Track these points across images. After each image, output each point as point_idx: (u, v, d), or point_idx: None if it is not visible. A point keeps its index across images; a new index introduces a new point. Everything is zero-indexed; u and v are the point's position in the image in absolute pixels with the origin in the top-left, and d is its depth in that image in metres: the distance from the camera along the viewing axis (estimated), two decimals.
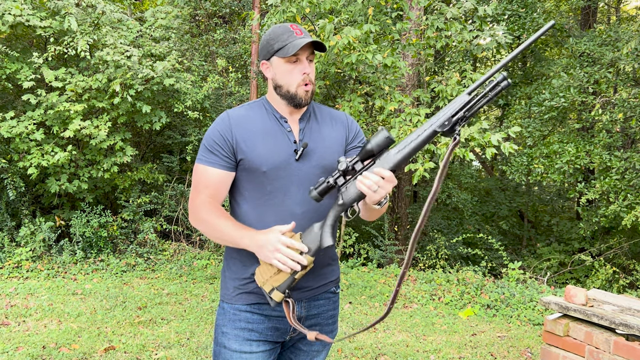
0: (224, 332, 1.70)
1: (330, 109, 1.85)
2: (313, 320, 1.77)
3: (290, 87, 1.65)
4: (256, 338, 1.68)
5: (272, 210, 1.64)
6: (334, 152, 1.73)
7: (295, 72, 1.63)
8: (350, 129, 1.81)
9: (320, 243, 1.51)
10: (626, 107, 7.80)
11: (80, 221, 6.36)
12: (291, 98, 1.66)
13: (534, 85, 10.33)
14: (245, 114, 1.70)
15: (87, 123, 6.03)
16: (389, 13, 6.75)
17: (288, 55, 1.59)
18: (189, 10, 9.06)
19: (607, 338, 2.88)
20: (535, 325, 4.89)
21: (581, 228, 9.30)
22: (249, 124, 1.67)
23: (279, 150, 1.65)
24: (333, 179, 1.51)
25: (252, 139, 1.64)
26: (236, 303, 1.70)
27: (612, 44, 8.52)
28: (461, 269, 6.82)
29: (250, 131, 1.66)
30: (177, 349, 3.94)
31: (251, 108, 1.73)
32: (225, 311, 1.72)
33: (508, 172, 9.04)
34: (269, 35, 1.66)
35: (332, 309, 1.83)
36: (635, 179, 7.53)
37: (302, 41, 1.58)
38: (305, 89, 1.65)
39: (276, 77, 1.67)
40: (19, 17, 5.85)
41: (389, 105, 6.08)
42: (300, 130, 1.71)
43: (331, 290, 1.82)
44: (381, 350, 4.10)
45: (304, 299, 1.73)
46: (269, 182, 1.64)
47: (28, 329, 4.19)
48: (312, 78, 1.66)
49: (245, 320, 1.69)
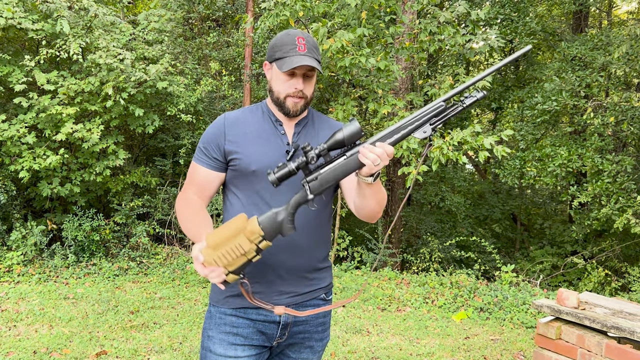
0: (210, 336, 1.70)
1: (330, 119, 1.85)
2: (301, 327, 1.74)
3: (279, 94, 1.67)
4: (241, 342, 1.67)
5: (261, 209, 1.64)
6: None
7: (287, 84, 1.65)
8: None
9: (281, 232, 1.47)
10: (617, 110, 7.86)
11: (72, 225, 6.31)
12: (280, 105, 1.69)
13: (527, 88, 10.40)
14: (240, 117, 1.74)
15: (79, 126, 6.00)
16: (382, 17, 6.77)
17: (282, 71, 1.60)
18: (182, 14, 9.05)
19: (599, 341, 2.89)
20: (528, 328, 4.90)
21: (573, 231, 9.35)
22: (243, 125, 1.71)
23: (270, 152, 1.67)
24: (295, 164, 1.45)
25: (243, 140, 1.68)
26: (222, 306, 1.70)
27: (604, 48, 8.59)
28: (454, 272, 6.83)
29: (243, 132, 1.69)
30: (170, 353, 3.92)
31: (250, 111, 1.77)
32: (211, 314, 1.73)
33: (501, 175, 9.08)
34: (275, 40, 1.67)
35: (322, 316, 1.79)
36: (626, 182, 7.58)
37: (299, 60, 1.59)
38: (294, 101, 1.66)
39: (272, 81, 1.70)
40: (11, 20, 5.82)
41: (382, 109, 6.09)
42: (295, 134, 1.72)
43: (321, 297, 1.78)
44: (374, 354, 4.10)
45: (291, 305, 1.69)
46: (258, 182, 1.65)
47: (19, 334, 4.16)
48: (306, 93, 1.67)
49: (230, 324, 1.68)
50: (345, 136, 1.41)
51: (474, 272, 6.75)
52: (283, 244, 1.63)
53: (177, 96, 7.11)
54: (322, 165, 1.47)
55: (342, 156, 1.46)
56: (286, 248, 1.65)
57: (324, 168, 1.46)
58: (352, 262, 7.22)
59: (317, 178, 1.46)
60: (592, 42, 8.86)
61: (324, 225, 1.77)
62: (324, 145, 1.43)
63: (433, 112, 1.39)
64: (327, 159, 1.47)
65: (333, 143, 1.43)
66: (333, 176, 1.46)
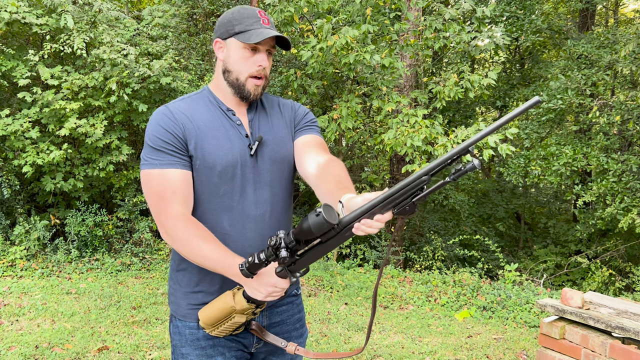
0: (184, 354, 1.55)
1: (280, 98, 1.71)
2: (277, 327, 1.64)
3: (240, 75, 1.50)
4: (220, 352, 1.54)
5: (228, 214, 1.50)
6: (286, 142, 1.61)
7: (250, 61, 1.49)
8: (297, 113, 1.67)
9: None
10: (623, 109, 7.81)
11: (75, 220, 6.32)
12: (238, 88, 1.52)
13: (532, 87, 10.35)
14: (188, 108, 1.52)
15: (83, 121, 6.00)
16: (387, 13, 6.74)
17: (250, 42, 1.45)
18: (186, 9, 9.03)
19: (603, 341, 2.87)
20: (531, 328, 4.87)
21: (578, 230, 9.31)
22: (194, 118, 1.50)
23: (232, 147, 1.50)
24: (265, 256, 1.27)
25: (200, 134, 1.48)
26: (190, 320, 1.56)
27: (610, 47, 8.53)
28: (457, 271, 6.81)
29: (197, 126, 1.49)
30: (171, 349, 3.91)
31: (193, 101, 1.56)
32: (179, 330, 1.57)
33: (505, 173, 9.05)
34: (232, 14, 1.51)
35: (297, 312, 1.71)
36: (632, 182, 7.54)
37: (268, 32, 1.45)
38: (256, 83, 1.51)
39: (228, 60, 1.51)
40: (15, 15, 5.81)
41: (386, 106, 6.07)
42: (250, 122, 1.57)
43: (292, 293, 1.70)
44: (376, 352, 4.08)
45: (265, 308, 1.59)
46: (222, 183, 1.49)
47: (21, 329, 4.16)
48: (266, 73, 1.52)
49: (204, 337, 1.54)
50: (313, 229, 1.18)
51: (477, 271, 6.72)
52: (249, 243, 1.52)
53: (180, 92, 7.10)
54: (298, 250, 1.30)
55: (318, 242, 1.28)
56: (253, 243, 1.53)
57: (301, 251, 1.30)
58: (354, 260, 7.20)
59: (295, 262, 1.32)
60: (598, 40, 8.81)
61: (287, 210, 1.64)
62: (291, 237, 1.25)
63: (414, 187, 1.18)
64: (300, 247, 1.29)
65: (300, 234, 1.22)
66: (313, 258, 1.31)
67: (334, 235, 1.24)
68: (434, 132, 5.86)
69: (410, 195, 1.18)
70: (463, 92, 6.14)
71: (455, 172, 1.13)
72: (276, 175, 1.57)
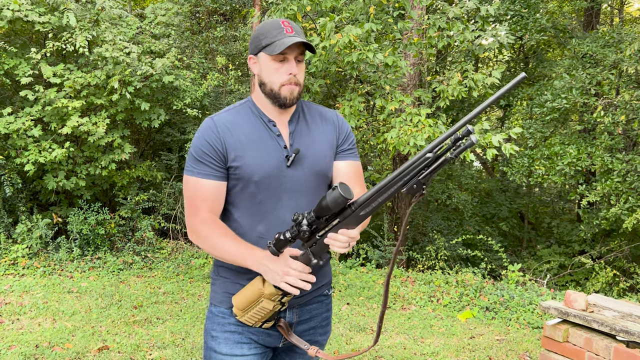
0: (214, 336, 1.66)
1: (321, 107, 1.79)
2: (305, 324, 1.73)
3: (273, 85, 1.59)
4: (247, 341, 1.64)
5: (264, 219, 1.61)
6: (325, 156, 1.69)
7: (281, 71, 1.58)
8: (340, 130, 1.76)
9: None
10: (628, 109, 7.76)
11: (77, 218, 6.32)
12: (274, 97, 1.60)
13: (536, 86, 10.30)
14: (231, 120, 1.63)
15: (85, 120, 5.99)
16: (390, 12, 6.70)
17: (274, 54, 1.53)
18: (189, 7, 9.02)
19: (608, 345, 2.83)
20: (534, 329, 4.84)
21: (582, 230, 9.26)
22: (236, 130, 1.61)
23: (270, 158, 1.60)
24: (290, 235, 1.43)
25: (241, 147, 1.59)
26: (224, 306, 1.66)
27: (615, 46, 8.48)
28: (460, 271, 6.77)
29: (239, 139, 1.60)
30: (172, 349, 3.90)
31: (237, 112, 1.66)
32: (213, 314, 1.69)
33: (509, 173, 9.00)
34: (259, 30, 1.60)
35: (325, 311, 1.79)
36: (636, 182, 7.49)
37: (290, 40, 1.52)
38: (290, 89, 1.59)
39: (261, 73, 1.61)
40: (18, 13, 5.81)
41: (389, 105, 6.03)
42: (290, 134, 1.66)
43: (324, 293, 1.77)
44: (378, 353, 4.06)
45: (295, 305, 1.68)
46: (260, 191, 1.59)
47: (22, 327, 4.16)
48: (299, 79, 1.60)
49: (235, 323, 1.64)
50: (330, 205, 1.35)
51: (480, 271, 6.68)
52: None
53: (183, 90, 7.09)
54: (319, 229, 1.45)
55: (336, 219, 1.42)
56: None
57: (321, 232, 1.44)
58: (357, 259, 7.18)
59: (316, 243, 1.45)
60: (603, 39, 8.75)
61: None
62: (312, 214, 1.40)
63: (420, 165, 1.30)
64: (320, 224, 1.43)
65: (319, 210, 1.38)
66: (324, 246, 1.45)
67: (350, 214, 1.38)
68: (437, 131, 5.83)
69: (417, 174, 1.29)
70: (467, 91, 6.10)
71: (455, 148, 1.25)
72: (312, 185, 1.66)
